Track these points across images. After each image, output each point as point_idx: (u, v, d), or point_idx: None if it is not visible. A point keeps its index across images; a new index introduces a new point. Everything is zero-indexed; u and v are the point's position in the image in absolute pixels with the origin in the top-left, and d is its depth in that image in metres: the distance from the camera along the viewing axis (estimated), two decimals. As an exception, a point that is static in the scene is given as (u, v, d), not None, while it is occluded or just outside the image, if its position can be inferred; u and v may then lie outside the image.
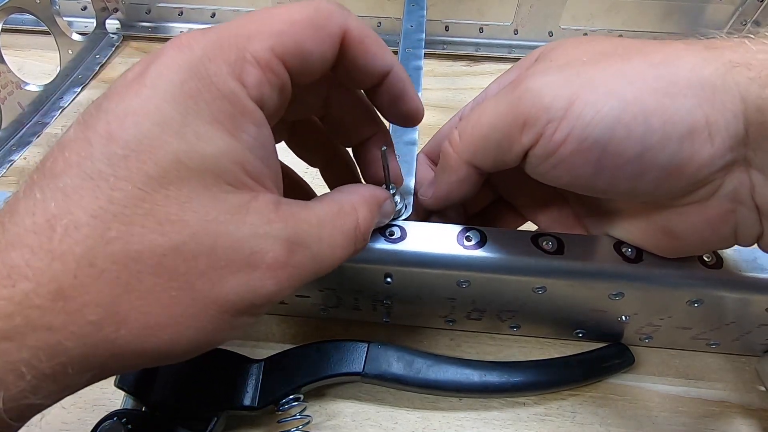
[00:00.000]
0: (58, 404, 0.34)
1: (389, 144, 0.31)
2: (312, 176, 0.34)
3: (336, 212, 0.25)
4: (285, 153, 0.32)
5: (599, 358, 0.37)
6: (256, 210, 0.21)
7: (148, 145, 0.19)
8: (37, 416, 0.33)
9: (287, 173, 0.33)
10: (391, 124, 0.40)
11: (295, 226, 0.22)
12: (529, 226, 0.36)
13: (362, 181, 0.32)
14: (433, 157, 0.36)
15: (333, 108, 0.29)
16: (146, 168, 0.19)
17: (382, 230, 0.31)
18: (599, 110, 0.23)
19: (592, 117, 0.23)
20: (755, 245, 0.27)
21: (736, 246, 0.30)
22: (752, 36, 0.23)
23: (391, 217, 0.31)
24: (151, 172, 0.19)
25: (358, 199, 0.26)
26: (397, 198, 0.31)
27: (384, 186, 0.30)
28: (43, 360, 0.17)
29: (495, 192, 0.37)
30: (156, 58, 0.20)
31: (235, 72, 0.21)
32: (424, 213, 0.35)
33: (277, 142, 0.31)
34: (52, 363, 0.18)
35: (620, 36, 0.67)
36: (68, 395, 0.19)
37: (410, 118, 0.29)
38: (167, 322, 0.19)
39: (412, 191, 0.34)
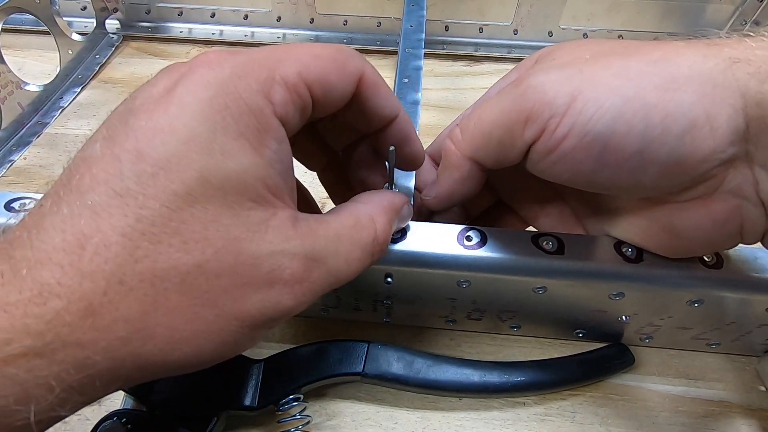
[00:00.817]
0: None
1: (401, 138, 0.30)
2: (311, 179, 0.34)
3: (353, 225, 0.25)
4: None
5: (599, 358, 0.37)
6: (275, 227, 0.21)
7: (176, 163, 0.19)
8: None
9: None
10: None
11: (312, 243, 0.22)
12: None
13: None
14: (436, 158, 0.36)
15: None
16: (173, 186, 0.19)
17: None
18: (601, 106, 0.23)
19: (594, 113, 0.23)
20: (758, 244, 0.27)
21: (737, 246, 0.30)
22: (752, 34, 0.23)
23: (407, 222, 0.31)
24: (178, 190, 0.19)
25: (376, 210, 0.27)
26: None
27: (387, 186, 0.30)
28: (72, 374, 0.18)
29: (495, 194, 0.37)
30: (185, 75, 0.21)
31: (264, 90, 0.21)
32: (426, 215, 0.35)
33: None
34: (80, 377, 0.18)
35: (620, 36, 0.67)
36: (88, 405, 0.20)
37: (411, 162, 0.30)
38: (191, 337, 0.20)
39: (412, 192, 0.34)
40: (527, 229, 0.38)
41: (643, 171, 0.24)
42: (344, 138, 0.31)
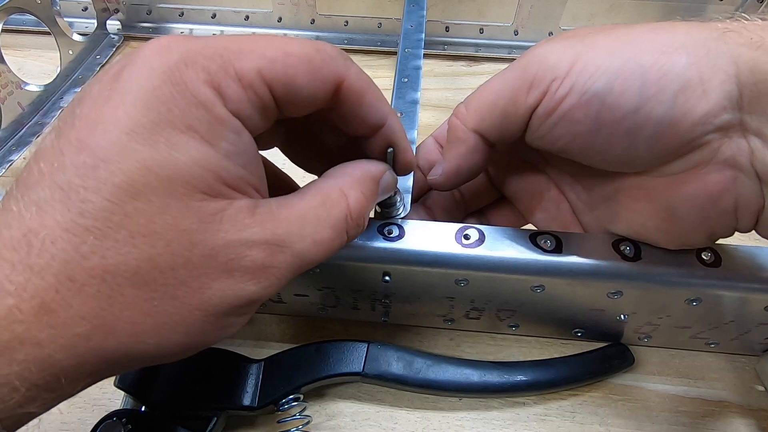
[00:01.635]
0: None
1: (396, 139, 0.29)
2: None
3: (320, 204, 0.24)
4: (283, 160, 0.32)
5: (599, 358, 0.37)
6: (231, 217, 0.21)
7: (117, 154, 0.18)
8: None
9: (276, 175, 0.33)
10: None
11: (273, 228, 0.22)
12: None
13: None
14: (442, 142, 0.35)
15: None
16: (115, 179, 0.18)
17: (381, 229, 0.31)
18: (599, 66, 0.25)
19: (593, 72, 0.25)
20: (756, 242, 0.27)
21: (735, 245, 0.30)
22: (747, 17, 0.25)
23: (395, 187, 0.30)
24: (119, 182, 0.18)
25: (348, 182, 0.25)
26: (397, 197, 0.31)
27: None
28: (35, 372, 0.18)
29: (498, 191, 0.38)
30: (131, 61, 0.20)
31: (213, 81, 0.20)
32: (425, 211, 0.35)
33: (270, 147, 0.31)
34: (43, 375, 0.18)
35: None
36: (63, 401, 0.19)
37: (402, 169, 0.29)
38: (153, 330, 0.19)
39: (411, 190, 0.34)
40: (525, 226, 0.38)
41: (638, 132, 0.25)
42: (338, 138, 0.30)
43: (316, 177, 0.33)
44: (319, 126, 0.30)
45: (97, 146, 0.19)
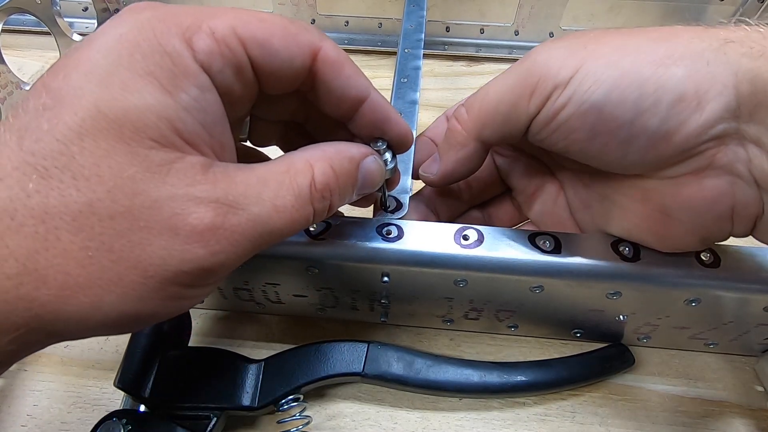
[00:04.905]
0: (57, 403, 0.34)
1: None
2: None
3: (284, 170, 0.23)
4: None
5: (599, 359, 0.37)
6: (180, 170, 0.20)
7: (72, 95, 0.19)
8: (36, 416, 0.34)
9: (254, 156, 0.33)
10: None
11: (226, 188, 0.21)
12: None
13: None
14: (435, 140, 0.35)
15: (313, 113, 0.29)
16: (66, 118, 0.19)
17: (380, 229, 0.31)
18: (598, 78, 0.25)
19: (592, 83, 0.25)
20: (752, 242, 0.27)
21: (733, 245, 0.30)
22: (750, 22, 0.24)
23: (383, 178, 0.28)
24: (70, 122, 0.18)
25: (317, 155, 0.24)
26: (388, 155, 0.29)
27: (379, 188, 0.29)
28: None
29: (504, 185, 0.38)
30: (106, 24, 0.21)
31: (185, 35, 0.20)
32: (426, 209, 0.35)
33: (269, 144, 0.31)
34: None
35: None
36: (3, 369, 0.19)
37: (399, 142, 0.28)
38: (86, 284, 0.19)
39: (409, 190, 0.34)
40: (523, 225, 0.38)
41: (632, 141, 0.25)
42: (335, 136, 0.30)
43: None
44: (315, 123, 0.30)
45: (57, 88, 0.19)
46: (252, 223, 0.21)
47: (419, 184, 0.36)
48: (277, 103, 0.28)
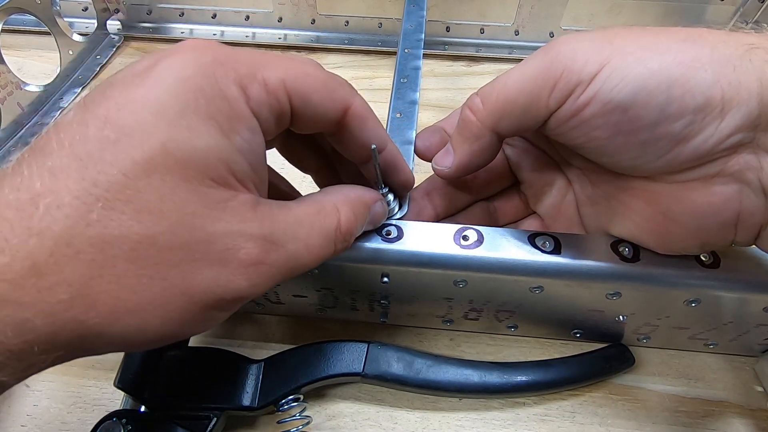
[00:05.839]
0: (57, 403, 0.34)
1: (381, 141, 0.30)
2: (308, 184, 0.34)
3: (315, 212, 0.25)
4: (282, 162, 0.32)
5: (599, 359, 0.37)
6: (234, 208, 0.21)
7: (140, 131, 0.19)
8: (36, 416, 0.34)
9: (278, 184, 0.34)
10: (391, 119, 0.40)
11: (271, 226, 0.23)
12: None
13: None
14: (448, 129, 0.35)
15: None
16: (134, 154, 0.19)
17: (379, 230, 0.31)
18: (626, 76, 0.24)
19: (619, 81, 0.24)
20: (754, 246, 0.27)
21: (733, 246, 0.30)
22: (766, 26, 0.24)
23: (384, 219, 0.31)
24: (137, 158, 0.19)
25: (342, 200, 0.27)
26: (390, 196, 0.31)
27: (378, 186, 0.31)
28: (10, 336, 0.18)
29: (513, 174, 0.37)
30: (168, 55, 0.21)
31: (242, 82, 0.22)
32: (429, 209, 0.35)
33: (269, 148, 0.31)
34: (18, 340, 0.18)
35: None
36: (32, 375, 0.20)
37: (402, 188, 0.32)
38: (136, 309, 0.19)
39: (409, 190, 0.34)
40: (527, 219, 0.38)
41: (652, 144, 0.25)
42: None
43: (311, 176, 0.34)
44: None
45: (123, 123, 0.19)
46: (286, 258, 0.23)
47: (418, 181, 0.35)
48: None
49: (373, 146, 0.28)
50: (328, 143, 0.30)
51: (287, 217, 0.24)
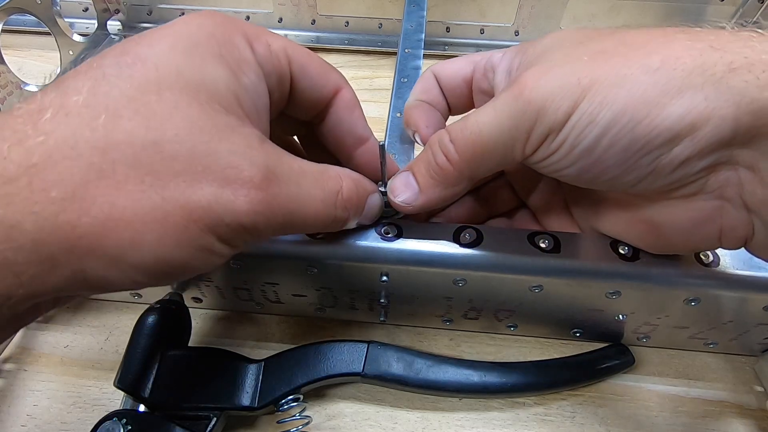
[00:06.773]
0: (57, 403, 0.34)
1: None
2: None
3: (320, 171, 0.26)
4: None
5: (599, 359, 0.37)
6: (241, 134, 0.22)
7: (155, 58, 0.21)
8: (36, 416, 0.34)
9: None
10: (391, 119, 0.40)
11: (276, 162, 0.23)
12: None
13: None
14: (430, 100, 0.35)
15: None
16: (148, 74, 0.20)
17: (378, 229, 0.31)
18: (593, 120, 0.23)
19: (585, 126, 0.24)
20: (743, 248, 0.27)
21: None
22: (761, 31, 0.23)
23: (380, 213, 0.31)
24: (152, 77, 0.20)
25: (346, 172, 0.27)
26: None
27: (381, 183, 0.31)
28: None
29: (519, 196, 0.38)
30: (181, 18, 0.23)
31: (248, 39, 0.24)
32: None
33: (291, 134, 0.34)
34: (4, 246, 0.18)
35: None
36: (17, 312, 0.20)
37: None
38: (131, 218, 0.19)
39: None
40: (514, 216, 0.38)
41: (621, 178, 0.25)
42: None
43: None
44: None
45: (140, 52, 0.21)
46: (288, 199, 0.23)
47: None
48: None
49: (381, 143, 0.29)
50: (321, 143, 0.31)
51: (292, 164, 0.24)
